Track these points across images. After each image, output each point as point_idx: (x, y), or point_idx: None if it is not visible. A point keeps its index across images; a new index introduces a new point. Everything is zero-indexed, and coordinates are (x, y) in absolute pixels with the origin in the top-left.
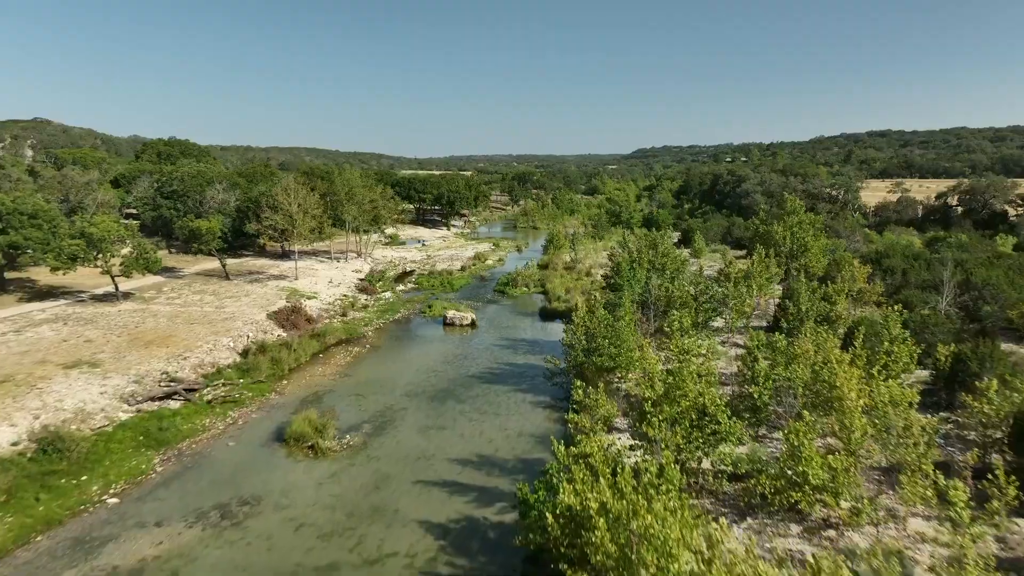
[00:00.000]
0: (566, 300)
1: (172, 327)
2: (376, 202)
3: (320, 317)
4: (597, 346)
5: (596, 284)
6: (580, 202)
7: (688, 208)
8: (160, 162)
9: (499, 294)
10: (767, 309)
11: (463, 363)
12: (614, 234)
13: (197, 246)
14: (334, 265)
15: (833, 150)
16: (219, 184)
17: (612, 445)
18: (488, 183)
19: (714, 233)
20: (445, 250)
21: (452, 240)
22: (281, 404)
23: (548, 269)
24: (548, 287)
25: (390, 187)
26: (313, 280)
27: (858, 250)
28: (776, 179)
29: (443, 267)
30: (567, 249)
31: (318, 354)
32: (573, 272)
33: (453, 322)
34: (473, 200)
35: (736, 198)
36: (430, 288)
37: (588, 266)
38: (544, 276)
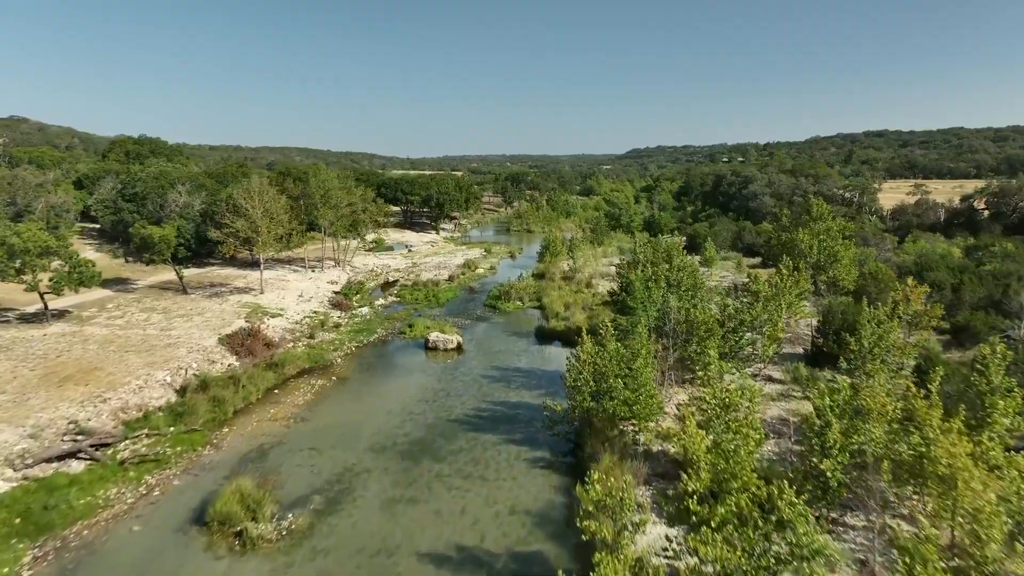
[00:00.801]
0: (565, 318)
1: (101, 357)
2: (355, 205)
3: (283, 340)
4: (609, 388)
5: (598, 298)
6: (576, 204)
7: (691, 211)
8: (128, 161)
9: (490, 309)
10: (795, 330)
11: (445, 401)
12: (614, 238)
13: (149, 256)
14: (308, 275)
15: (831, 150)
16: (181, 186)
17: (641, 561)
18: (480, 184)
19: (723, 239)
20: (432, 256)
21: (441, 245)
22: (214, 463)
23: (544, 279)
24: (545, 301)
25: (375, 188)
26: (281, 294)
27: (889, 260)
28: (785, 180)
29: (429, 277)
30: (564, 256)
31: (274, 389)
32: (572, 283)
33: (436, 346)
34: (464, 202)
35: (743, 200)
36: (413, 302)
37: (588, 276)
38: (540, 288)
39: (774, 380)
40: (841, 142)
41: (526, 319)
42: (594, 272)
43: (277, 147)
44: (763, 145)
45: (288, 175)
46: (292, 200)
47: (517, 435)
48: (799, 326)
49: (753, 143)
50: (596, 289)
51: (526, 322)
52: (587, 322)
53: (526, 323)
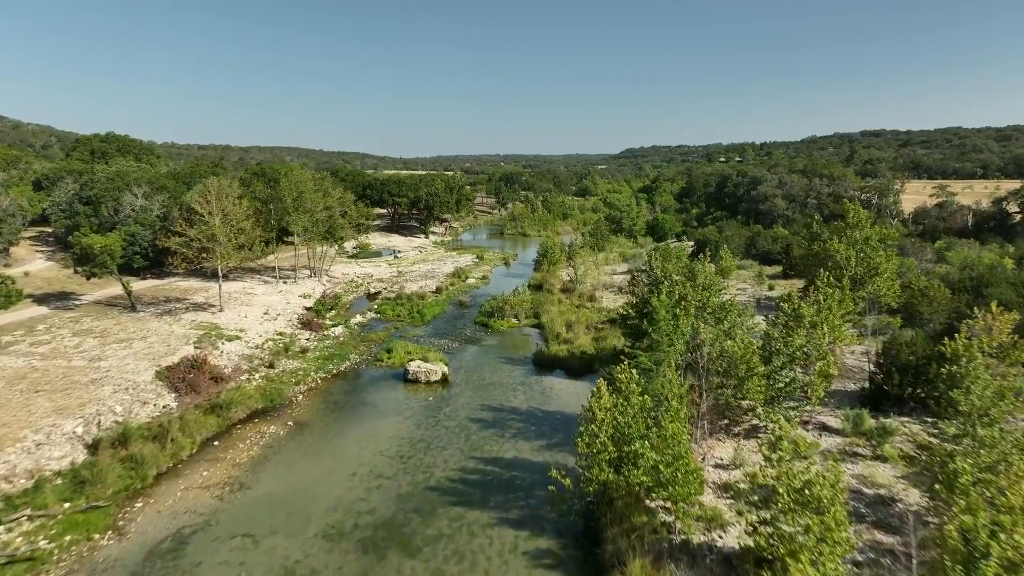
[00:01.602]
0: (568, 340)
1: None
2: (332, 210)
3: (237, 371)
4: (632, 452)
5: (603, 314)
6: (573, 205)
7: (695, 213)
8: (93, 161)
9: (481, 328)
10: (839, 358)
11: (424, 458)
12: (615, 243)
13: (89, 268)
14: (278, 287)
15: (829, 150)
16: (138, 188)
17: None
18: (473, 184)
19: (736, 244)
20: (420, 264)
21: (430, 251)
22: (111, 562)
23: (542, 291)
24: (544, 320)
25: (360, 189)
26: (244, 311)
27: (930, 271)
28: (798, 181)
29: (415, 288)
30: (563, 264)
31: (214, 440)
32: (573, 296)
33: (417, 377)
34: (455, 204)
35: (752, 202)
36: (395, 319)
37: (591, 287)
38: (537, 302)
39: (830, 430)
40: (839, 142)
41: (522, 341)
42: (597, 283)
43: (267, 147)
44: (760, 145)
45: (262, 176)
46: (261, 204)
47: (514, 512)
48: (843, 354)
49: (749, 143)
50: (600, 303)
51: (522, 345)
52: (592, 345)
53: (522, 346)
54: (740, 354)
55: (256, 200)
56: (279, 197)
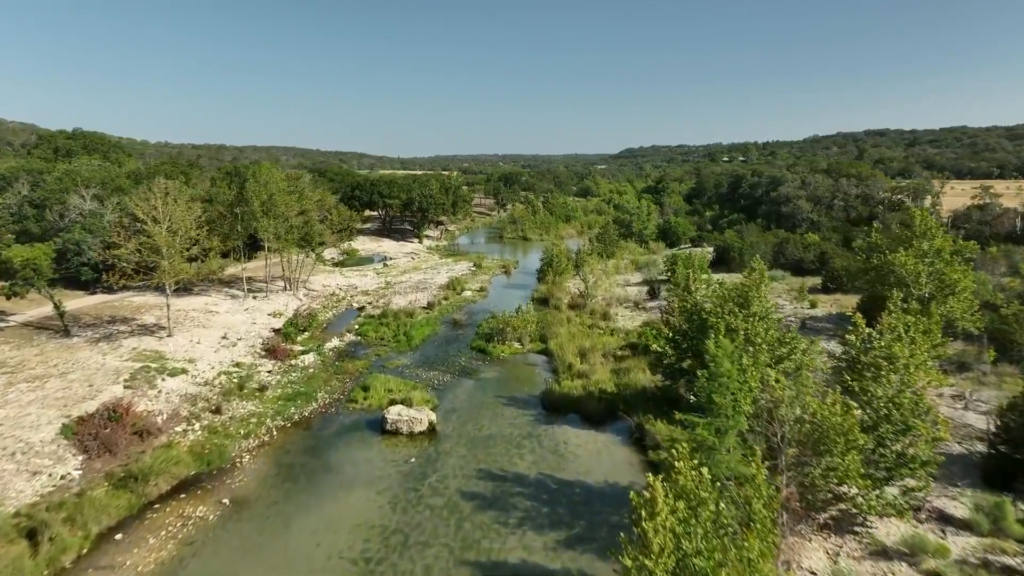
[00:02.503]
0: (582, 373)
1: None
2: (309, 214)
3: (173, 419)
4: None
5: (620, 336)
6: (576, 207)
7: (709, 215)
8: (56, 159)
9: (478, 355)
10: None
11: (399, 563)
12: (624, 249)
13: (10, 286)
14: (246, 304)
15: (833, 150)
16: (86, 190)
17: None
18: (470, 185)
19: (761, 252)
20: (412, 273)
21: (423, 257)
22: None
23: (548, 307)
24: (552, 345)
25: (349, 190)
26: (198, 335)
27: (1004, 286)
28: (822, 181)
29: (403, 303)
30: (571, 273)
31: (118, 530)
32: (583, 312)
33: (398, 427)
34: (451, 206)
35: (772, 204)
36: (378, 341)
37: (604, 302)
38: (544, 322)
39: (952, 521)
40: (843, 141)
41: (527, 372)
42: (609, 296)
43: (263, 146)
44: (763, 144)
45: (236, 176)
46: (225, 208)
47: None
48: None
49: (752, 142)
50: (615, 322)
51: (527, 378)
52: (612, 380)
53: (527, 379)
54: (835, 421)
55: (219, 203)
56: (246, 200)
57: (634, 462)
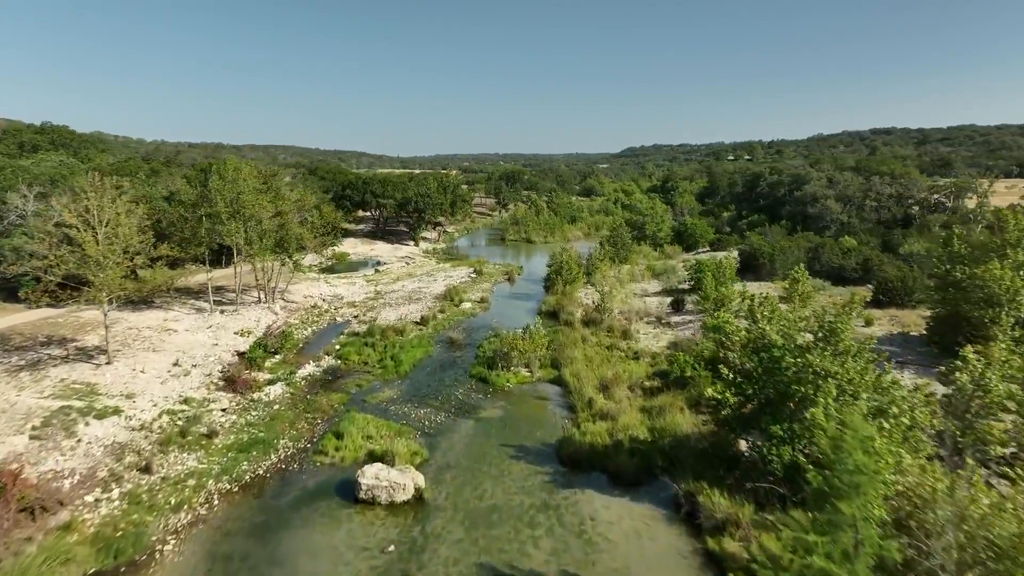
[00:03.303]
0: (606, 413)
1: None
2: (286, 216)
3: (86, 483)
4: None
5: (646, 362)
6: (582, 207)
7: (727, 216)
8: (21, 155)
9: (479, 385)
10: None
11: None
12: (637, 253)
13: None
14: (211, 319)
15: (839, 148)
16: (28, 189)
17: None
18: (471, 183)
19: (794, 258)
20: (405, 280)
21: (418, 262)
22: None
23: (559, 322)
24: (567, 373)
25: (341, 189)
26: (143, 362)
27: None
28: (852, 180)
29: (393, 317)
30: (582, 282)
31: None
32: (599, 329)
33: (375, 496)
34: (449, 206)
35: (796, 204)
36: (360, 367)
37: (622, 317)
38: (555, 342)
39: None
40: (849, 140)
41: (538, 410)
42: (628, 310)
43: (261, 145)
44: (768, 143)
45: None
46: (186, 210)
47: None
48: None
49: (757, 141)
50: (638, 342)
51: (538, 417)
52: (645, 424)
53: (538, 419)
54: (1009, 533)
55: (180, 204)
56: (209, 200)
57: (686, 551)
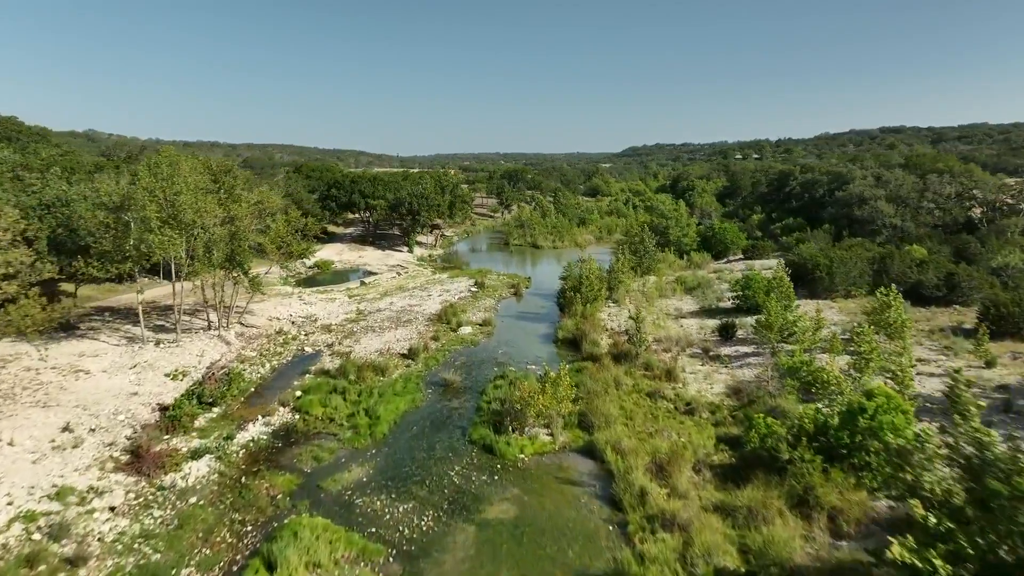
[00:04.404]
0: (669, 516)
1: None
2: (241, 222)
3: None
4: None
5: (706, 418)
6: (592, 208)
7: (757, 220)
8: None
9: (482, 455)
10: None
11: None
12: (662, 261)
13: None
14: (142, 353)
15: (849, 147)
16: None
17: None
18: (471, 183)
19: (857, 270)
20: (395, 295)
21: (412, 272)
22: None
23: (580, 352)
24: (601, 440)
25: (326, 188)
26: (20, 424)
27: None
28: (905, 178)
29: (376, 345)
30: (604, 300)
31: None
32: (634, 365)
33: None
34: (448, 207)
35: (840, 206)
36: (323, 424)
37: (661, 350)
38: (582, 389)
39: None
40: (859, 139)
41: (566, 501)
42: (666, 337)
43: (258, 144)
44: (776, 142)
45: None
46: (108, 214)
47: None
48: None
49: (764, 139)
50: (686, 384)
51: (568, 521)
52: (730, 539)
53: (569, 525)
54: None
55: (100, 208)
56: (136, 203)
57: None
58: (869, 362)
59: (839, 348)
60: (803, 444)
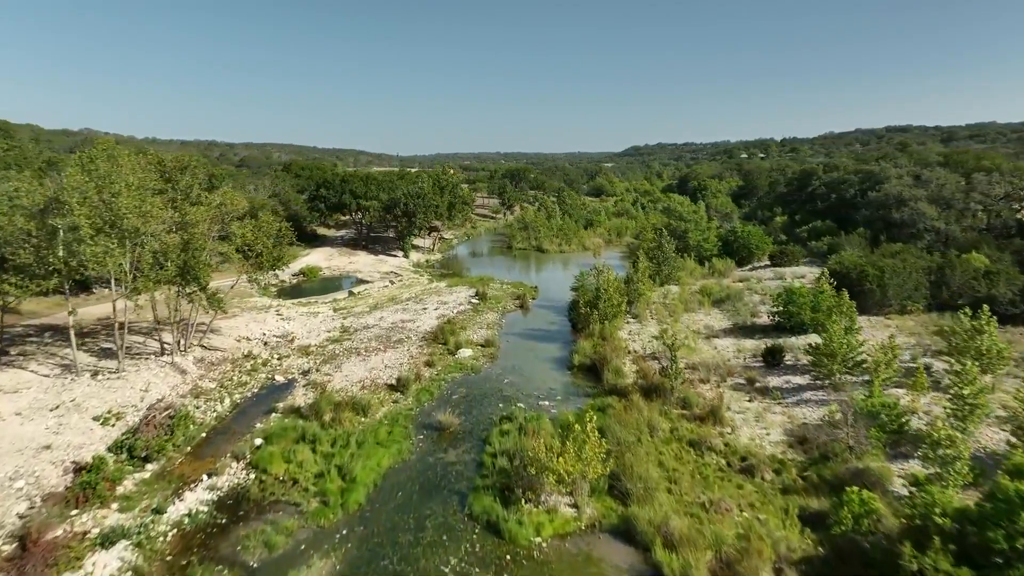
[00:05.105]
0: None
1: None
2: (197, 228)
3: None
4: None
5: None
6: (600, 209)
7: (781, 222)
8: None
9: (485, 538)
10: None
11: None
12: (682, 268)
13: None
14: (73, 387)
15: (855, 146)
16: None
17: None
18: (471, 182)
19: (913, 281)
20: (386, 308)
21: (407, 279)
22: None
23: (602, 384)
24: (641, 518)
25: (315, 188)
26: None
27: None
28: (948, 178)
29: (360, 373)
30: (624, 316)
31: None
32: (669, 402)
33: None
34: (447, 209)
35: (875, 208)
36: (283, 490)
37: (698, 380)
38: (609, 435)
39: None
40: (865, 138)
41: None
42: (702, 363)
43: (256, 143)
44: (781, 141)
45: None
46: (29, 221)
47: None
48: None
49: (769, 138)
50: (734, 428)
51: None
52: None
53: None
54: None
55: (19, 211)
56: (65, 206)
57: None
58: (975, 409)
59: (924, 385)
60: (936, 547)
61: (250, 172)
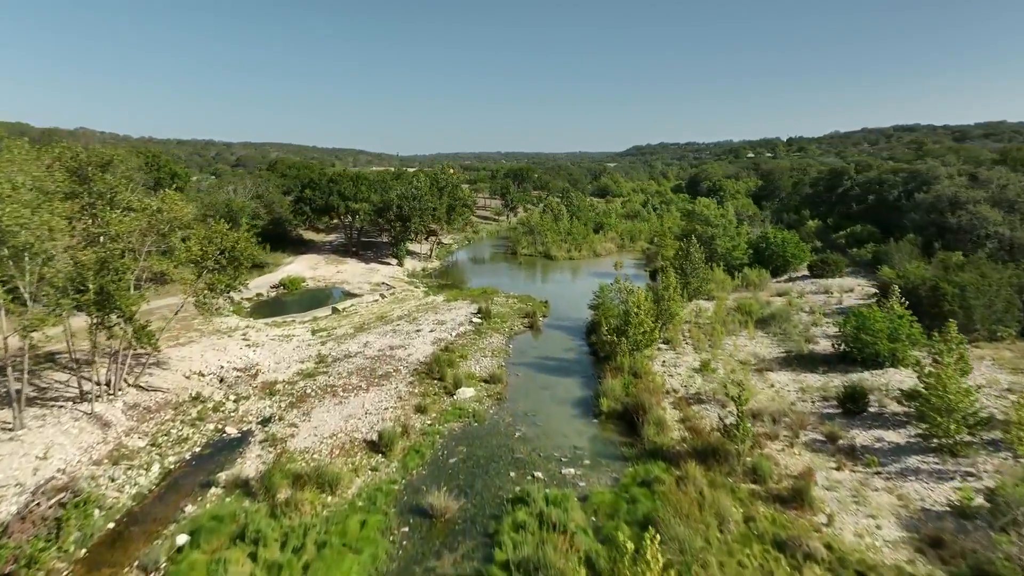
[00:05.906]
0: None
1: None
2: (117, 242)
3: None
4: None
5: None
6: (610, 211)
7: (813, 227)
8: None
9: None
10: None
11: None
12: (712, 280)
13: None
14: None
15: (863, 146)
16: None
17: None
18: (472, 183)
19: (1002, 302)
20: (374, 331)
21: (400, 292)
22: None
23: (642, 443)
24: None
25: (300, 189)
26: None
27: None
28: (1012, 178)
29: (333, 424)
30: (656, 345)
31: None
32: (736, 473)
33: None
34: (446, 211)
35: (926, 212)
36: None
37: (768, 440)
38: (664, 529)
39: None
40: (873, 137)
41: None
42: (758, 408)
43: (254, 143)
44: (787, 140)
45: None
46: None
47: None
48: None
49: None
50: (832, 520)
51: None
52: None
53: None
54: None
55: None
56: None
57: None
58: None
59: None
60: None
61: (245, 172)
